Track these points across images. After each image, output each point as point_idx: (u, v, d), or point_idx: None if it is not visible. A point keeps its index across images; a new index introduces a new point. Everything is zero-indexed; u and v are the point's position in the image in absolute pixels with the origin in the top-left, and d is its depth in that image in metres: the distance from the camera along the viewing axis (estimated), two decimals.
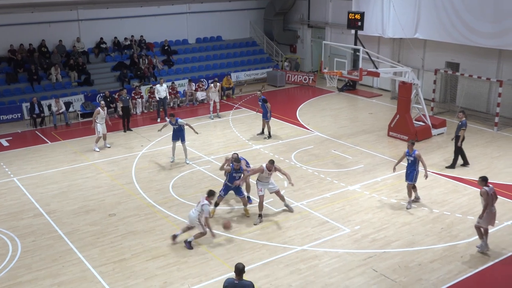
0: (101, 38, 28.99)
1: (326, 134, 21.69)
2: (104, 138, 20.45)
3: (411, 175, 14.76)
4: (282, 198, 14.82)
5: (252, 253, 12.74)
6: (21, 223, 14.48)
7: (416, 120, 21.39)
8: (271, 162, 14.16)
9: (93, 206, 15.45)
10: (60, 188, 16.78)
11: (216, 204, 14.64)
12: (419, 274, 11.81)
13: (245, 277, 10.57)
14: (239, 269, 8.66)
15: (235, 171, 14.35)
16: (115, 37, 29.47)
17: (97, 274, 11.96)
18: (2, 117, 24.04)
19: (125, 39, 29.67)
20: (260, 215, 14.36)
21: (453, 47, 24.65)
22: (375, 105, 26.55)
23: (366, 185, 16.63)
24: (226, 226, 13.24)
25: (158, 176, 17.57)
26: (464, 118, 17.44)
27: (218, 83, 24.54)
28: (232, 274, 11.72)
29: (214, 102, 24.11)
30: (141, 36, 30.10)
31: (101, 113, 20.10)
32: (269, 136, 21.25)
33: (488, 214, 12.35)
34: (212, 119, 24.10)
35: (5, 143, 21.36)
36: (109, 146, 20.52)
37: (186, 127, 18.52)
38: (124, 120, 22.58)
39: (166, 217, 14.65)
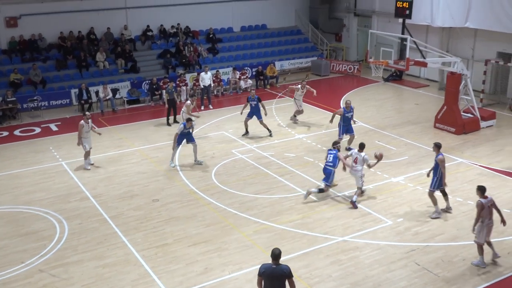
0: (148, 26, 29.35)
1: (370, 124, 21.38)
2: (88, 153, 17.62)
3: (431, 180, 13.73)
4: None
5: (292, 242, 12.74)
6: (68, 206, 14.92)
7: (464, 111, 20.80)
8: (304, 79, 21.46)
9: (137, 191, 15.76)
10: (106, 173, 17.18)
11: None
12: (463, 270, 11.56)
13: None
14: (276, 254, 8.68)
15: None
16: (161, 25, 29.79)
17: (140, 258, 12.23)
18: (52, 103, 24.72)
19: (172, 27, 29.97)
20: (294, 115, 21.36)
21: (505, 37, 23.75)
22: (422, 95, 25.98)
23: (410, 177, 16.33)
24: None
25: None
26: None
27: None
28: None
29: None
30: (187, 25, 30.33)
31: (85, 126, 17.33)
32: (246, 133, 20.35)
33: (483, 228, 11.46)
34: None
35: (54, 128, 22.00)
36: (92, 163, 17.72)
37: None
38: (169, 111, 21.84)
39: (208, 204, 14.80)
